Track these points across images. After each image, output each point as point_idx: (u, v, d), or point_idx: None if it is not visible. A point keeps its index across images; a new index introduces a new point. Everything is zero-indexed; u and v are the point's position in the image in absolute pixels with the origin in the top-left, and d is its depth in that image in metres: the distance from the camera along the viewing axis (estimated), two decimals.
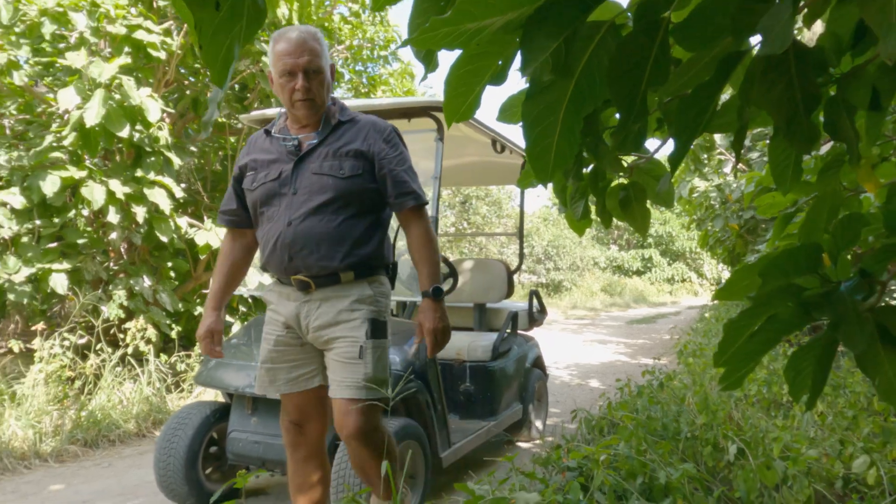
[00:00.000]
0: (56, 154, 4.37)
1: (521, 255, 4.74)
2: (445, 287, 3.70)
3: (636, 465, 2.44)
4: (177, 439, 2.90)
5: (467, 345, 3.72)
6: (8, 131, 5.05)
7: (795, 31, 1.10)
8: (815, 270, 1.20)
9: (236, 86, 6.06)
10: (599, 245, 27.26)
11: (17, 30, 4.25)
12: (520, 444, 4.10)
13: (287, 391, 2.13)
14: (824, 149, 2.04)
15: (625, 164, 1.80)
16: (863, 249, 1.71)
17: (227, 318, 6.28)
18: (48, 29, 4.14)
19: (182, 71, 5.60)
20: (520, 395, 4.03)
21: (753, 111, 1.39)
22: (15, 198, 4.25)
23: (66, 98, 4.05)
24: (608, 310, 18.68)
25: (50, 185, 4.12)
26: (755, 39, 1.02)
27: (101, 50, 4.71)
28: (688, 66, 1.17)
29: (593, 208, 1.92)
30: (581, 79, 1.06)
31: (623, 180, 1.87)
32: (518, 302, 4.81)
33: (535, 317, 4.46)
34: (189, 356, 5.21)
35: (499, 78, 1.13)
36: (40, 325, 4.27)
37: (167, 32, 4.93)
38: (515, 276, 4.73)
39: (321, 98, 2.05)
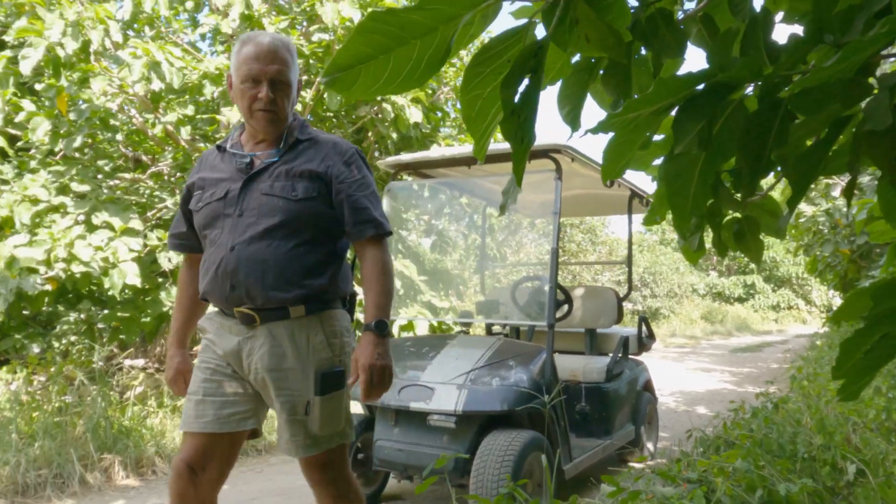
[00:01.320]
0: None
1: (630, 283, 4.96)
2: (559, 314, 3.98)
3: (755, 479, 2.60)
4: None
5: (582, 367, 3.97)
6: (166, 177, 5.81)
7: None
8: None
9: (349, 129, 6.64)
10: (698, 271, 26.50)
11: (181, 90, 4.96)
12: (633, 464, 4.27)
13: (215, 430, 1.80)
14: None
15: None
16: None
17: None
18: (208, 90, 4.81)
19: (310, 118, 6.22)
20: (632, 416, 4.22)
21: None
22: None
23: None
24: (709, 338, 18.16)
25: None
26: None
27: None
28: (804, 126, 1.44)
29: (707, 239, 2.17)
30: (715, 145, 1.36)
31: (737, 214, 2.12)
32: (627, 328, 5.01)
33: (644, 342, 4.64)
34: None
35: (645, 146, 1.44)
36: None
37: (301, 88, 5.55)
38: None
39: (284, 113, 1.86)
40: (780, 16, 1.49)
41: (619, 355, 4.18)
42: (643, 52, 1.54)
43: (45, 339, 5.57)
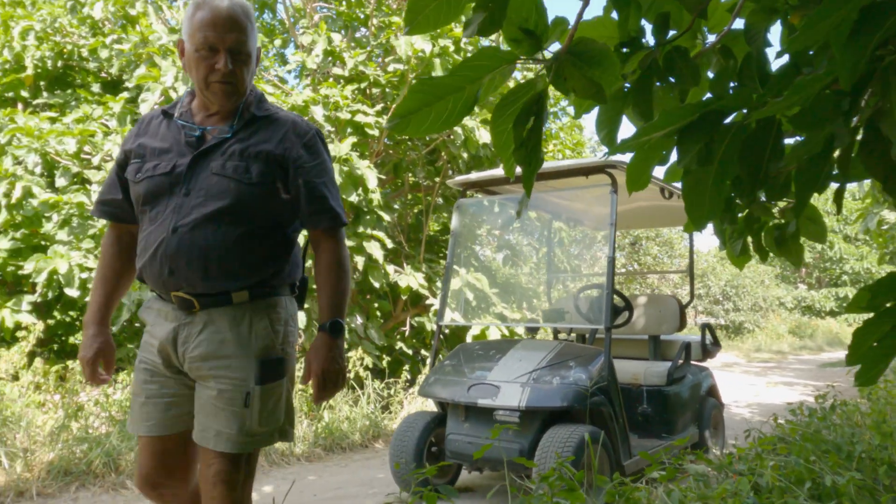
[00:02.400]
0: None
1: (692, 292, 5.09)
2: (621, 320, 4.19)
3: (804, 472, 2.74)
4: (406, 440, 3.65)
5: (643, 371, 4.16)
6: None
7: None
8: None
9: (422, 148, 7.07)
10: (785, 284, 25.48)
11: None
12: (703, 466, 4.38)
13: (162, 433, 1.71)
14: None
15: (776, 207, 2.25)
16: None
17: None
18: None
19: (387, 141, 6.70)
20: (695, 420, 4.36)
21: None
22: None
23: None
24: (797, 353, 17.47)
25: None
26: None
27: (329, 132, 5.89)
28: (804, 143, 1.68)
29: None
30: (721, 162, 1.62)
31: (778, 220, 2.32)
32: (691, 335, 5.13)
33: (709, 349, 4.76)
34: (396, 381, 6.10)
35: (663, 161, 1.72)
36: None
37: (378, 113, 6.02)
38: (691, 317, 5.08)
39: (243, 86, 1.68)
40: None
41: (681, 360, 4.34)
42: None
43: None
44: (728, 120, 1.65)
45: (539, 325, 4.79)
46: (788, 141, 1.85)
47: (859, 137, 1.54)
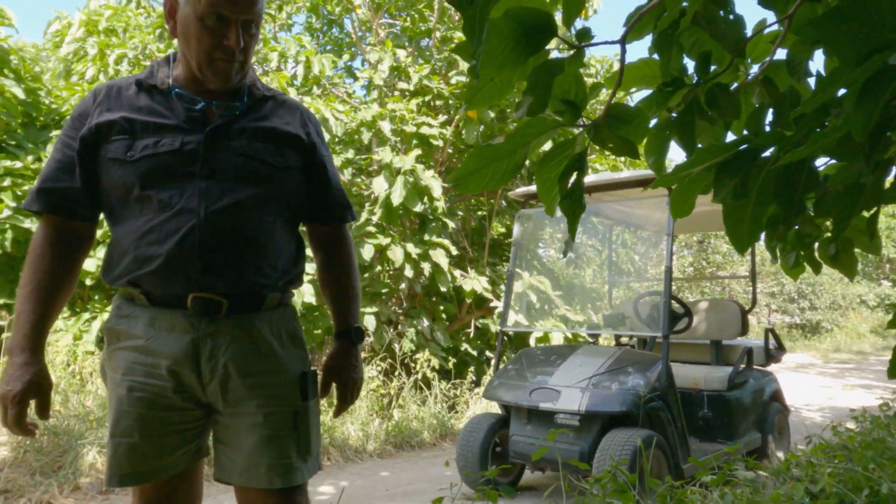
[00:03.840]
0: (369, 227, 5.86)
1: (754, 297, 5.09)
2: (681, 326, 4.28)
3: (861, 479, 2.79)
4: (472, 440, 3.87)
5: (704, 376, 4.23)
6: None
7: None
8: None
9: None
10: (867, 281, 24.31)
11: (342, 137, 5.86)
12: (760, 473, 4.42)
13: (162, 477, 1.39)
14: None
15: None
16: None
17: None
18: (365, 136, 5.66)
19: (450, 150, 6.94)
20: (758, 424, 4.39)
21: None
22: None
23: (379, 184, 5.48)
24: (879, 354, 16.71)
25: (367, 251, 5.57)
26: None
27: (395, 143, 6.18)
28: (836, 175, 1.79)
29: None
30: (758, 194, 1.75)
31: (830, 233, 2.41)
32: (755, 339, 5.14)
33: (772, 353, 4.77)
34: (462, 382, 6.34)
35: (706, 191, 1.86)
36: (361, 355, 5.70)
37: (442, 125, 6.27)
38: (758, 317, 5.09)
39: (249, 63, 1.46)
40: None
41: (742, 365, 4.38)
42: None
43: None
44: (765, 154, 1.79)
45: (599, 331, 4.90)
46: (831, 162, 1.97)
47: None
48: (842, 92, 1.54)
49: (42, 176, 1.42)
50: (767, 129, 1.73)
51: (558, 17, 1.62)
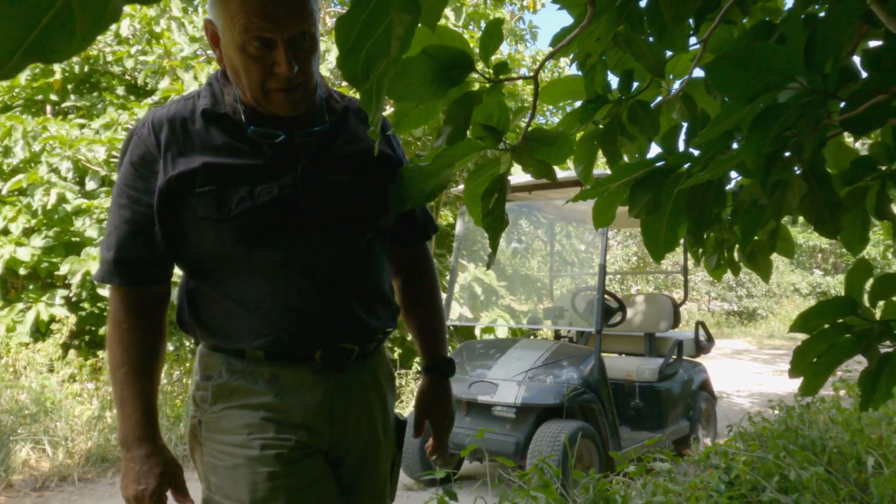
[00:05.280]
0: None
1: (686, 291, 5.32)
2: (615, 319, 4.45)
3: (772, 466, 3.00)
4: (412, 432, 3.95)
5: (636, 367, 4.42)
6: None
7: None
8: (853, 314, 1.87)
9: None
10: (801, 270, 25.44)
11: None
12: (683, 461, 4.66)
13: None
14: None
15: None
16: None
17: None
18: None
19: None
20: (686, 413, 4.62)
21: None
22: None
23: None
24: None
25: None
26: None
27: None
28: (750, 187, 1.92)
29: None
30: (672, 210, 1.86)
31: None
32: (686, 332, 5.37)
33: (702, 345, 5.00)
34: (407, 372, 6.42)
35: (623, 203, 1.97)
36: None
37: (391, 117, 6.27)
38: (690, 305, 5.32)
39: (313, 81, 1.19)
40: None
41: (673, 357, 4.59)
42: None
43: (177, 339, 6.56)
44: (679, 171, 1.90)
45: (539, 327, 5.05)
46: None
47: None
48: None
49: (115, 243, 1.18)
50: (684, 144, 1.85)
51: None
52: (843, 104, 1.33)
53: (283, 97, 1.14)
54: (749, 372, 10.27)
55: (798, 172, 1.85)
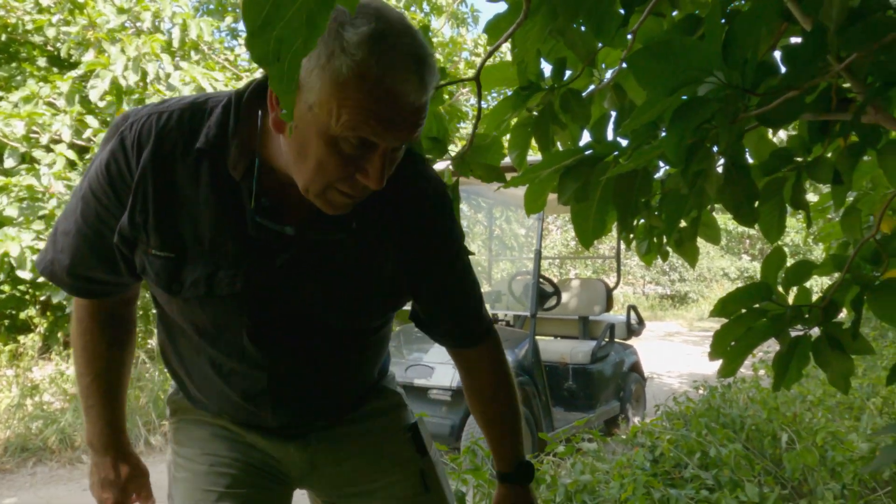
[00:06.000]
0: None
1: (619, 276, 5.46)
2: (551, 304, 4.53)
3: (694, 444, 3.13)
4: None
5: (570, 350, 4.53)
6: None
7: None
8: (768, 299, 1.95)
9: None
10: (730, 255, 26.53)
11: None
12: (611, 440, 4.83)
13: None
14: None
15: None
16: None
17: None
18: None
19: None
20: (617, 394, 4.77)
21: None
22: None
23: None
24: None
25: None
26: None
27: None
28: (675, 177, 1.98)
29: None
30: (600, 197, 1.91)
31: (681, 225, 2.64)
32: (619, 315, 5.53)
33: (633, 328, 5.16)
34: None
35: (554, 190, 2.00)
36: None
37: None
38: (626, 289, 5.46)
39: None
40: None
41: (605, 340, 4.72)
42: None
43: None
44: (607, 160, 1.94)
45: None
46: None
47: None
48: None
49: (70, 251, 0.99)
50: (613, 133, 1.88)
51: None
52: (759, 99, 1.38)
53: (342, 202, 0.88)
54: (680, 353, 10.67)
55: (721, 163, 1.92)
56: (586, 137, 2.10)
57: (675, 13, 1.82)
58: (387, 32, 0.76)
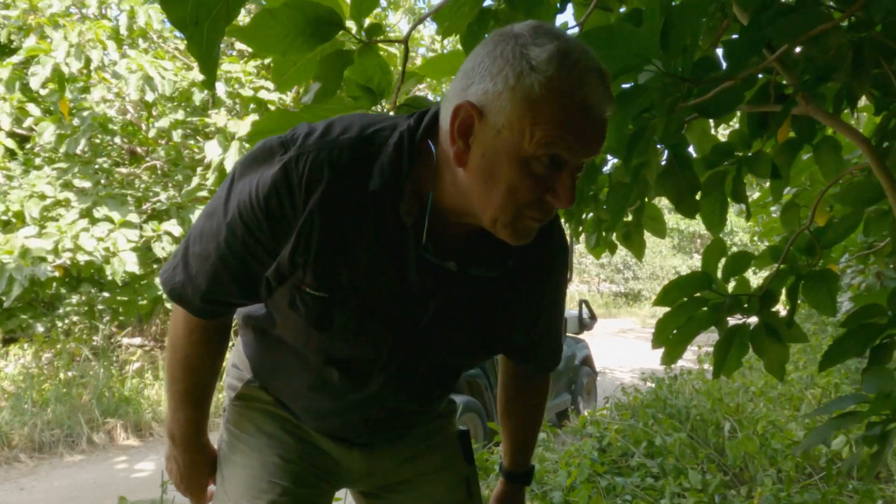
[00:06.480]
0: (202, 193, 5.59)
1: (571, 270, 5.55)
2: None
3: (640, 434, 3.20)
4: None
5: None
6: (159, 171, 6.37)
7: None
8: (708, 289, 2.00)
9: None
10: (681, 254, 27.18)
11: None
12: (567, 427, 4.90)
13: None
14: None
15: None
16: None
17: None
18: (197, 97, 5.35)
19: None
20: (569, 387, 4.84)
21: None
22: (174, 227, 5.49)
23: (211, 149, 5.24)
24: None
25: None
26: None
27: (233, 108, 5.91)
28: (619, 169, 2.02)
29: None
30: None
31: (628, 218, 2.69)
32: (571, 310, 5.61)
33: (585, 322, 5.24)
34: None
35: None
36: None
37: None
38: (581, 287, 5.53)
39: None
40: None
41: None
42: None
43: (49, 319, 6.13)
44: None
45: None
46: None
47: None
48: None
49: (207, 280, 0.95)
50: None
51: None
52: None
53: (531, 228, 0.85)
54: (632, 349, 10.89)
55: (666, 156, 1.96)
56: None
57: (622, 9, 1.85)
58: (570, 49, 0.77)
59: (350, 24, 1.28)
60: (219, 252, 0.92)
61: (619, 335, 13.44)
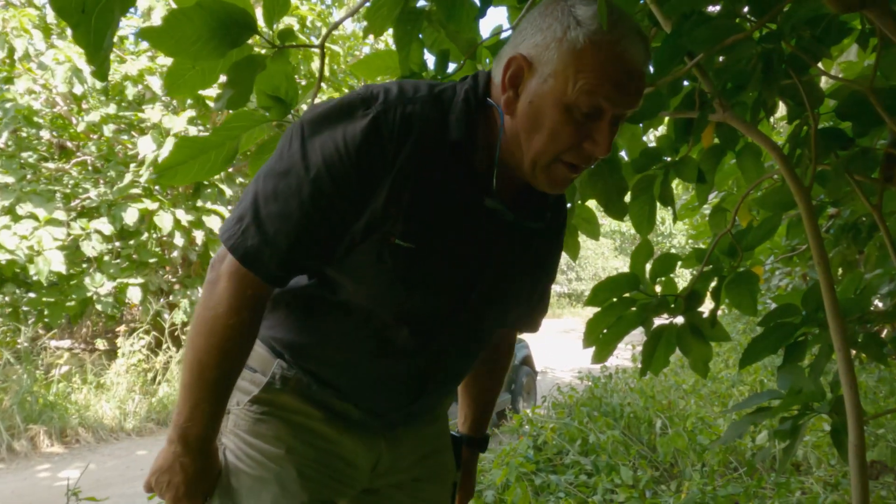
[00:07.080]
0: (134, 190, 5.40)
1: None
2: None
3: (575, 431, 3.26)
4: None
5: None
6: (90, 167, 6.13)
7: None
8: (636, 289, 2.05)
9: None
10: (622, 256, 27.86)
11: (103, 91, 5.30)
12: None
13: None
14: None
15: None
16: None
17: None
18: (130, 91, 5.16)
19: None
20: (508, 387, 4.88)
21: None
22: (105, 225, 5.28)
23: (145, 145, 5.07)
24: None
25: (131, 215, 5.14)
26: None
27: (170, 104, 5.74)
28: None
29: None
30: None
31: None
32: None
33: None
34: None
35: None
36: (122, 328, 5.27)
37: (221, 85, 5.93)
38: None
39: None
40: None
41: None
42: None
43: None
44: None
45: None
46: None
47: None
48: None
49: (289, 241, 0.90)
50: None
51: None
52: None
53: (565, 175, 0.92)
54: (574, 349, 11.06)
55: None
56: None
57: None
58: (612, 9, 0.86)
59: (264, 28, 1.25)
60: (303, 209, 0.88)
61: (561, 335, 13.67)
